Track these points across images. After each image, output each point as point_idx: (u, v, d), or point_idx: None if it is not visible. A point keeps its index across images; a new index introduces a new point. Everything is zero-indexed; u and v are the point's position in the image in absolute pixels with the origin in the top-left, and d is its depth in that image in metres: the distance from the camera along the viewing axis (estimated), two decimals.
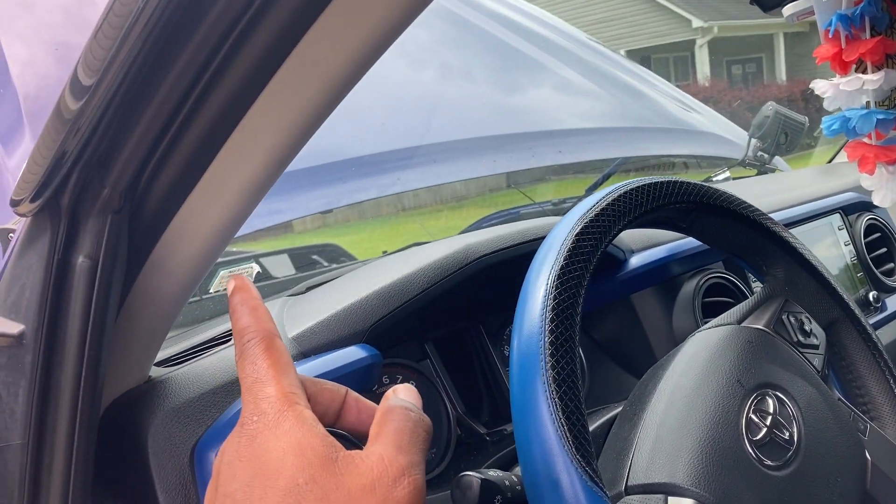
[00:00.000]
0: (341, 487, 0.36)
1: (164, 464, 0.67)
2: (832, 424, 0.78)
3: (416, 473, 0.38)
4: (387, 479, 0.37)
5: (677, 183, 0.79)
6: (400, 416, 0.40)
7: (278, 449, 0.36)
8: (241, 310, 0.43)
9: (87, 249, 0.58)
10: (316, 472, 0.36)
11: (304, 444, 0.37)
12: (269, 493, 0.36)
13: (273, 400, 0.38)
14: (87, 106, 0.51)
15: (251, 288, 0.45)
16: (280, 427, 0.37)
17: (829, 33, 1.05)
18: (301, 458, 0.36)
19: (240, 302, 0.44)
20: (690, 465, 0.67)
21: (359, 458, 0.37)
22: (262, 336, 0.41)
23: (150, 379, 0.75)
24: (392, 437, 0.39)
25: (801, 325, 0.85)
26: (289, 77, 0.54)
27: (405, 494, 0.37)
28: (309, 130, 0.58)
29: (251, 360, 0.40)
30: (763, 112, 2.00)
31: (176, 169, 0.58)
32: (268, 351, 0.41)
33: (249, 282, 0.45)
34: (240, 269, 1.21)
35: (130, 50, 0.48)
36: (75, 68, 0.50)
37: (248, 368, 0.40)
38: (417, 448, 0.39)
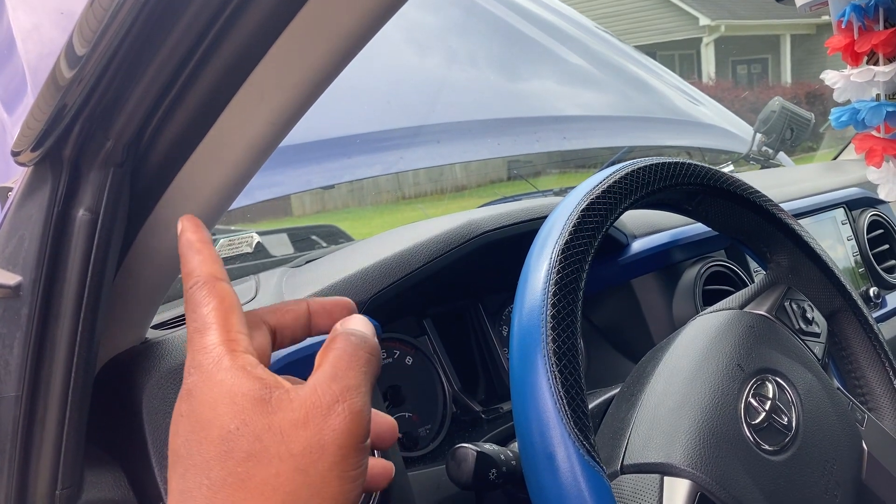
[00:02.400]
0: (273, 427, 0.35)
1: (158, 425, 0.67)
2: (831, 412, 0.78)
3: (353, 397, 0.36)
4: (319, 409, 0.35)
5: (685, 164, 0.79)
6: (340, 343, 0.39)
7: (211, 400, 0.35)
8: (186, 253, 0.42)
9: (87, 203, 0.58)
10: (247, 416, 0.35)
11: (235, 390, 0.35)
12: (204, 444, 0.35)
13: (209, 349, 0.37)
14: (91, 54, 0.50)
15: (200, 229, 0.43)
16: (214, 377, 0.36)
17: (842, 24, 1.04)
18: (233, 405, 0.35)
19: (186, 245, 0.42)
20: (687, 446, 0.67)
21: (294, 392, 0.36)
22: (204, 280, 0.40)
23: (147, 340, 0.74)
24: (329, 365, 0.37)
25: (804, 312, 0.85)
26: (298, 34, 0.53)
27: (340, 422, 0.35)
28: (317, 90, 0.57)
29: (192, 308, 0.39)
30: (769, 107, 1.99)
31: (180, 124, 0.58)
32: (209, 297, 0.39)
33: (198, 222, 0.43)
34: (239, 238, 1.21)
35: None
36: (81, 16, 0.50)
37: (190, 317, 0.39)
38: (356, 371, 0.37)
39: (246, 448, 0.34)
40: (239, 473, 0.34)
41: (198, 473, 0.35)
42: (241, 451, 0.34)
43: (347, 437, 0.35)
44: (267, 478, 0.34)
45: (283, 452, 0.34)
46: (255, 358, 0.38)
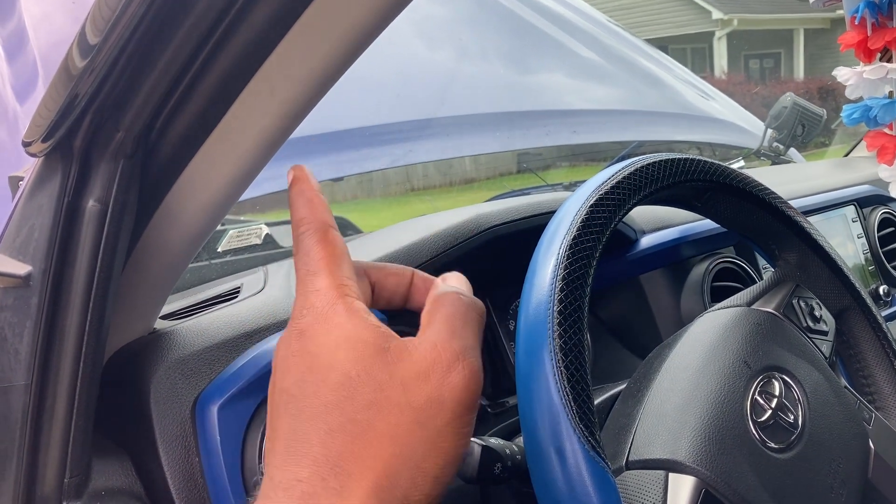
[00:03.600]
0: (395, 377, 0.35)
1: (165, 414, 0.67)
2: (837, 411, 0.78)
3: (471, 357, 0.37)
4: (441, 365, 0.36)
5: (695, 160, 0.79)
6: (451, 301, 0.39)
7: (329, 343, 0.36)
8: (297, 201, 0.42)
9: (97, 194, 0.58)
10: (368, 364, 0.35)
11: (354, 336, 0.36)
12: (322, 387, 0.35)
13: (323, 292, 0.37)
14: (103, 45, 0.50)
15: (309, 178, 0.44)
16: (330, 320, 0.36)
17: (855, 20, 1.03)
18: (352, 351, 0.35)
19: (297, 193, 0.43)
20: (693, 442, 0.67)
21: (412, 345, 0.36)
22: (316, 227, 0.40)
23: (155, 331, 0.74)
24: (444, 322, 0.38)
25: (812, 310, 0.85)
26: (309, 28, 0.53)
27: (460, 379, 0.36)
28: (327, 83, 0.57)
29: (304, 252, 0.39)
30: (781, 102, 1.98)
31: (190, 116, 0.58)
32: (321, 242, 0.39)
33: (309, 172, 0.44)
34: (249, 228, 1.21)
35: None
36: (93, 6, 0.50)
37: (301, 260, 0.39)
38: (471, 331, 0.38)
39: (368, 396, 0.35)
40: (359, 421, 0.34)
41: (315, 416, 0.35)
42: (362, 399, 0.35)
43: (466, 395, 0.36)
44: (386, 427, 0.34)
45: (404, 404, 0.35)
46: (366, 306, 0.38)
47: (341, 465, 0.34)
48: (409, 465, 0.34)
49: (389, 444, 0.34)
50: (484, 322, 0.40)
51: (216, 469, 0.66)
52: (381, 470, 0.34)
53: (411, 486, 0.34)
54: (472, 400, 0.36)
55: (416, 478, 0.35)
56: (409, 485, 0.34)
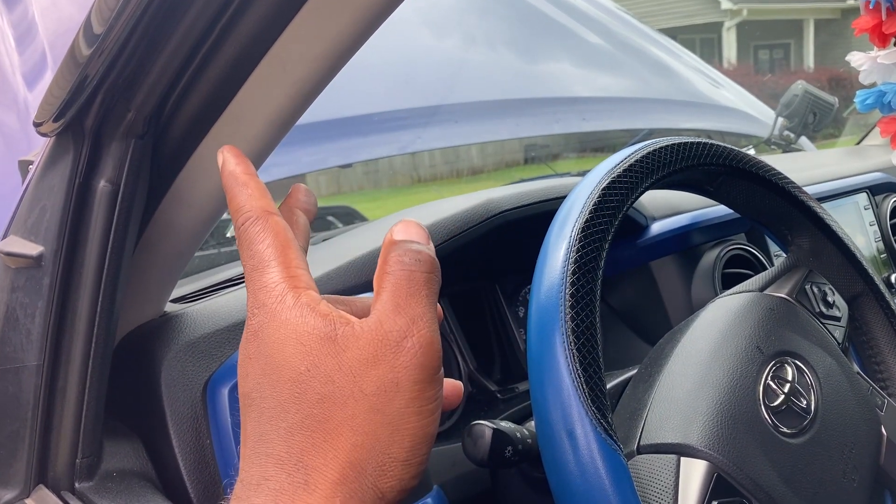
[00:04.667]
0: (343, 367, 0.34)
1: (176, 396, 0.67)
2: (850, 396, 0.78)
3: (420, 329, 0.35)
4: (388, 346, 0.34)
5: (708, 144, 0.78)
6: (393, 266, 0.36)
7: (279, 340, 0.35)
8: (232, 188, 0.39)
9: (108, 174, 0.58)
10: (316, 357, 0.34)
11: (301, 329, 0.34)
12: (277, 387, 0.34)
13: (270, 288, 0.36)
14: (114, 23, 0.50)
15: (242, 160, 0.40)
16: (279, 317, 0.35)
17: (869, 4, 1.02)
18: (301, 346, 0.34)
19: (229, 178, 0.39)
20: (705, 427, 0.67)
21: (359, 329, 0.35)
22: (255, 215, 0.38)
23: (166, 314, 0.74)
24: (388, 294, 0.35)
25: (825, 296, 0.84)
26: (320, 6, 0.53)
27: (411, 357, 0.34)
28: (338, 63, 0.57)
29: (247, 245, 0.37)
30: (792, 90, 1.97)
31: (201, 96, 0.58)
32: (263, 232, 0.37)
33: (239, 152, 0.41)
34: None
35: None
36: None
37: (245, 254, 0.37)
38: (418, 299, 0.35)
39: (318, 390, 0.34)
40: (315, 415, 0.34)
41: (273, 416, 0.34)
42: (313, 393, 0.34)
43: (421, 372, 0.34)
44: (343, 419, 0.34)
45: (356, 392, 0.34)
46: (317, 292, 0.37)
47: (304, 461, 0.33)
48: (373, 452, 0.34)
49: (349, 433, 0.33)
50: (437, 280, 0.37)
51: (227, 451, 0.66)
52: (344, 460, 0.33)
53: (380, 473, 0.34)
54: (429, 375, 0.35)
55: (384, 464, 0.34)
56: (377, 472, 0.34)
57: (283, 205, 0.44)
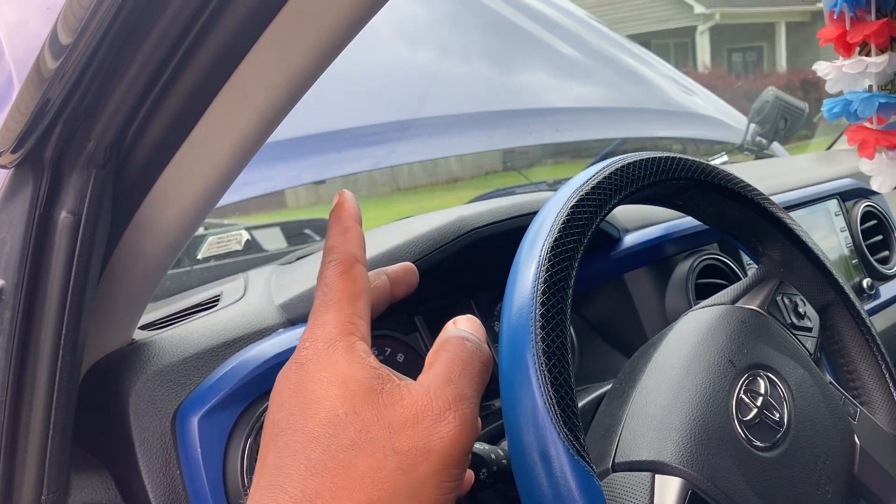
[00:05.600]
0: (382, 420, 0.34)
1: (145, 426, 0.66)
2: (822, 407, 0.78)
3: (465, 408, 0.36)
4: (431, 413, 0.35)
5: (676, 159, 0.78)
6: (454, 346, 0.38)
7: (323, 379, 0.35)
8: (333, 228, 0.42)
9: (70, 205, 0.57)
10: (357, 404, 0.35)
11: (348, 375, 0.35)
12: (310, 422, 0.35)
13: (328, 327, 0.37)
14: (72, 53, 0.49)
15: (351, 206, 0.43)
16: (329, 357, 0.36)
17: (834, 14, 1.03)
18: (344, 390, 0.35)
19: (335, 219, 0.42)
20: (679, 443, 0.67)
21: (405, 390, 0.36)
22: (342, 259, 0.40)
23: (134, 342, 0.73)
24: (443, 368, 0.37)
25: (796, 307, 0.85)
26: (281, 33, 0.52)
27: (449, 430, 0.35)
28: (301, 88, 0.56)
29: (324, 283, 0.39)
30: (763, 97, 1.98)
31: (163, 125, 0.57)
32: (343, 276, 0.39)
33: (352, 198, 0.44)
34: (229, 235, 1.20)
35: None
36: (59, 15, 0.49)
37: (320, 290, 0.39)
38: (469, 381, 0.37)
39: (351, 435, 0.34)
40: (341, 459, 0.34)
41: (298, 451, 0.34)
42: (346, 437, 0.34)
43: (454, 447, 0.35)
44: (368, 470, 0.34)
45: (388, 448, 0.34)
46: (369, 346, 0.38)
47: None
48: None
49: (369, 486, 0.34)
50: (489, 372, 0.39)
51: (198, 481, 0.65)
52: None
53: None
54: (461, 453, 0.35)
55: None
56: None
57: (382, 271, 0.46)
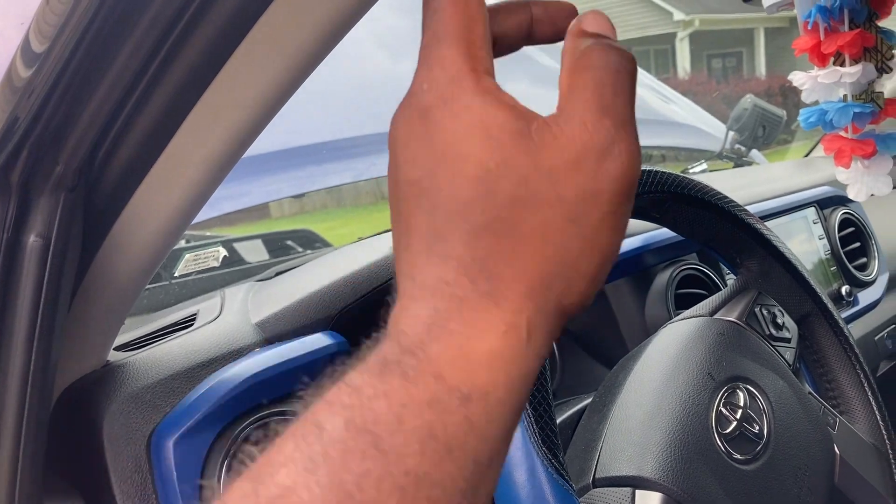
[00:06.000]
0: (541, 167, 0.30)
1: (119, 450, 0.65)
2: (802, 418, 0.78)
3: (628, 136, 0.31)
4: (594, 150, 0.30)
5: (651, 172, 0.78)
6: (598, 61, 0.32)
7: (458, 129, 0.30)
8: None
9: (38, 228, 0.56)
10: (507, 153, 0.30)
11: (487, 120, 0.30)
12: (457, 181, 0.30)
13: (447, 64, 0.31)
14: (37, 75, 0.48)
15: None
16: (457, 100, 0.30)
17: (808, 25, 1.04)
18: (488, 139, 0.30)
19: None
20: (659, 458, 0.67)
21: (557, 127, 0.30)
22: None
23: (109, 363, 0.72)
24: (592, 92, 0.31)
25: (774, 318, 0.85)
26: (253, 50, 0.52)
27: (617, 166, 0.30)
28: (274, 107, 0.56)
29: (431, 11, 0.32)
30: (741, 105, 1.99)
31: (133, 146, 0.56)
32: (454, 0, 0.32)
33: None
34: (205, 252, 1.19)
35: (83, 16, 0.46)
36: (26, 33, 0.48)
37: (429, 19, 0.32)
38: (625, 100, 0.31)
39: (510, 191, 0.30)
40: (505, 219, 0.30)
41: (453, 214, 0.30)
42: (503, 194, 0.30)
43: (623, 184, 0.31)
44: (536, 226, 0.30)
45: (553, 198, 0.30)
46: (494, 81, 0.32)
47: (490, 268, 0.29)
48: (563, 265, 0.30)
49: (541, 243, 0.30)
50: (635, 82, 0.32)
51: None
52: (533, 272, 0.30)
53: (567, 287, 0.30)
54: (631, 188, 0.31)
55: (572, 278, 0.30)
56: (564, 286, 0.30)
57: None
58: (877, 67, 1.02)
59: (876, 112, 1.05)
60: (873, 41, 1.02)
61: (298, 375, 0.74)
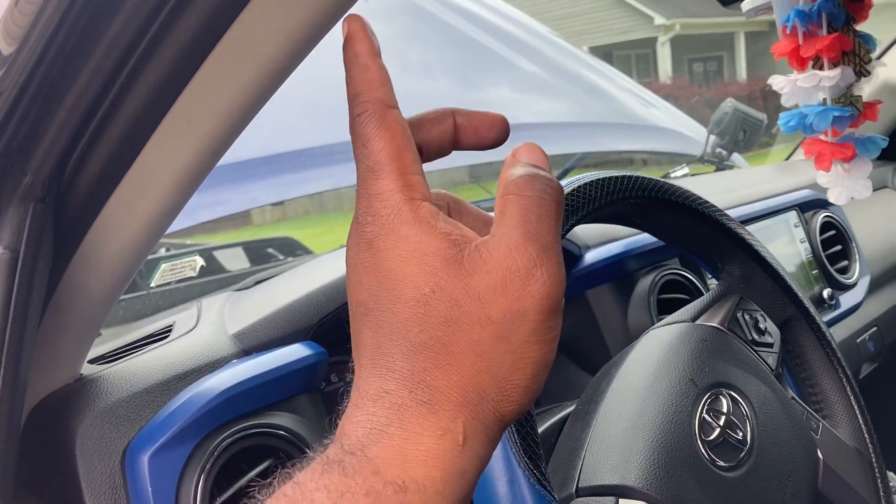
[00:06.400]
0: (470, 291, 0.33)
1: (92, 466, 0.64)
2: (785, 424, 0.78)
3: (550, 259, 0.33)
4: (518, 274, 0.33)
5: (632, 178, 0.78)
6: (523, 188, 0.35)
7: (398, 257, 0.33)
8: (351, 69, 0.37)
9: (6, 240, 0.55)
10: (441, 279, 0.33)
11: (424, 248, 0.33)
12: (399, 304, 0.33)
13: (386, 197, 0.34)
14: (4, 80, 0.47)
15: (366, 37, 0.37)
16: (397, 231, 0.34)
17: (786, 29, 1.04)
18: (423, 265, 0.33)
19: (351, 59, 0.37)
20: (642, 466, 0.66)
21: (486, 252, 0.33)
22: (371, 109, 0.35)
23: (82, 377, 0.71)
24: (517, 218, 0.34)
25: (756, 323, 0.84)
26: (224, 59, 0.51)
27: (539, 287, 0.33)
28: (247, 116, 0.55)
29: (362, 142, 0.35)
30: (722, 108, 2.00)
31: (104, 156, 0.55)
32: (380, 129, 0.35)
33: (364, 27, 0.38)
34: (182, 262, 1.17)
35: (50, 19, 0.45)
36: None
37: (360, 152, 0.35)
38: (548, 226, 0.34)
39: (444, 313, 0.33)
40: (440, 338, 0.33)
41: (394, 332, 0.33)
42: (438, 316, 0.33)
43: (547, 302, 0.33)
44: (468, 344, 0.33)
45: (483, 318, 0.33)
46: (432, 203, 0.35)
47: (427, 380, 0.33)
48: (496, 378, 0.33)
49: (474, 359, 0.33)
50: (562, 206, 0.35)
51: None
52: (468, 384, 0.33)
53: (501, 398, 0.33)
54: (555, 306, 0.33)
55: (506, 390, 0.33)
56: (498, 397, 0.33)
57: None
58: (855, 71, 1.02)
59: (855, 116, 1.05)
60: (851, 45, 1.02)
61: (277, 386, 0.73)
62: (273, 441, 0.70)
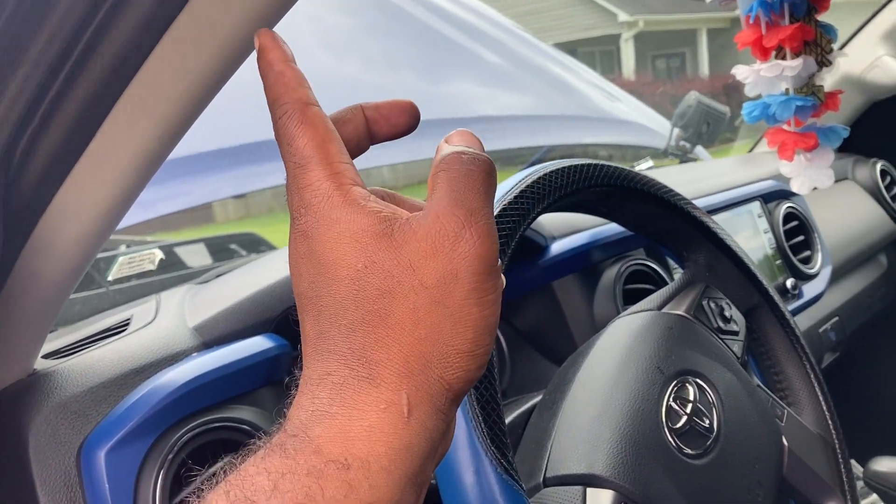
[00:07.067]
0: (402, 261, 0.33)
1: (47, 463, 0.62)
2: (751, 411, 0.78)
3: (479, 220, 0.34)
4: (447, 238, 0.34)
5: (597, 166, 0.77)
6: (451, 163, 0.36)
7: (330, 240, 0.34)
8: (266, 78, 0.38)
9: None
10: (373, 254, 0.34)
11: (354, 227, 0.34)
12: (333, 285, 0.34)
13: (315, 187, 0.35)
14: None
15: (278, 46, 0.39)
16: (328, 216, 0.34)
17: (749, 19, 1.05)
18: (356, 243, 0.34)
19: (265, 68, 0.38)
20: (609, 455, 0.65)
21: (416, 223, 0.34)
22: (291, 109, 0.37)
23: (35, 372, 0.69)
24: (445, 189, 0.35)
25: (722, 311, 0.85)
26: (179, 40, 0.49)
27: (470, 247, 0.33)
28: (203, 100, 0.53)
29: (287, 142, 0.36)
30: (686, 102, 2.01)
31: (57, 137, 0.53)
32: (301, 126, 0.36)
33: (274, 36, 0.39)
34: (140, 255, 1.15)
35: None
36: None
37: (286, 152, 0.36)
38: (476, 193, 0.35)
39: (378, 285, 0.33)
40: (376, 311, 0.33)
41: (333, 314, 0.34)
42: (373, 289, 0.33)
43: (480, 262, 0.34)
44: (405, 312, 0.33)
45: (417, 285, 0.33)
46: (363, 187, 0.36)
47: (367, 356, 0.33)
48: (437, 344, 0.33)
49: (412, 327, 0.33)
50: (494, 180, 0.36)
51: None
52: (408, 353, 0.33)
53: (445, 364, 0.34)
54: (488, 266, 0.34)
55: (449, 356, 0.34)
56: (442, 364, 0.34)
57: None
58: (817, 61, 1.03)
59: (817, 105, 1.06)
60: (813, 35, 1.03)
61: (238, 380, 0.72)
62: (235, 435, 0.69)
